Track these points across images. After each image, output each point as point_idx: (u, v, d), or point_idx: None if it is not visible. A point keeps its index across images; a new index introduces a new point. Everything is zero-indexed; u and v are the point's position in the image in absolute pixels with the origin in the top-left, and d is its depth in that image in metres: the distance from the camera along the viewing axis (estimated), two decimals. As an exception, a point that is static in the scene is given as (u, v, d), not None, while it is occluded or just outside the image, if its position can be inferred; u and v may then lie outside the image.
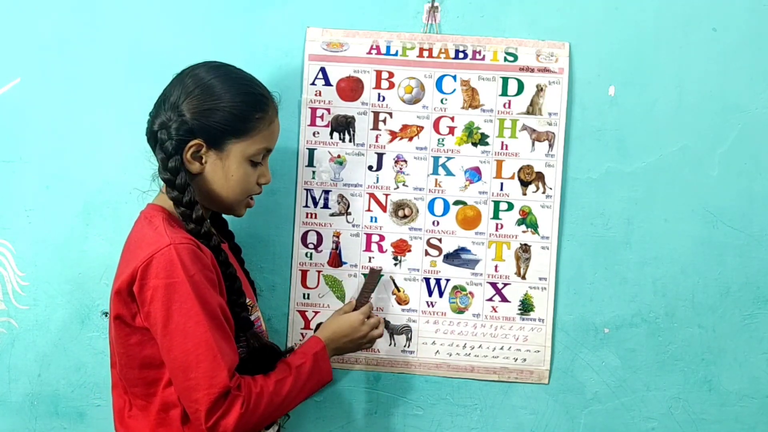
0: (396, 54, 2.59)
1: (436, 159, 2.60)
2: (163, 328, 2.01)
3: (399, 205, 2.60)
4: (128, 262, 2.09)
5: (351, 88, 2.61)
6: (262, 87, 2.23)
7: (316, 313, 2.63)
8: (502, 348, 2.62)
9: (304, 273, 2.62)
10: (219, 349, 2.02)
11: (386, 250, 2.61)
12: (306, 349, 2.29)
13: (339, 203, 2.61)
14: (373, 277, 2.55)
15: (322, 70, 2.60)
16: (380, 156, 2.60)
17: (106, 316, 2.60)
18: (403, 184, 2.60)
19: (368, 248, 2.61)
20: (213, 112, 2.13)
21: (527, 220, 2.60)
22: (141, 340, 2.08)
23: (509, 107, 2.60)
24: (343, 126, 2.60)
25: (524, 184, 2.59)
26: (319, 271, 2.63)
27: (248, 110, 2.15)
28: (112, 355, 2.19)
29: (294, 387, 2.16)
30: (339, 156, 2.61)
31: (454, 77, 2.60)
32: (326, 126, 2.61)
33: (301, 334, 2.63)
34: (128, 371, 2.12)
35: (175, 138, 2.12)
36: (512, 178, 2.60)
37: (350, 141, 2.61)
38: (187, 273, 2.01)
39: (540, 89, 2.59)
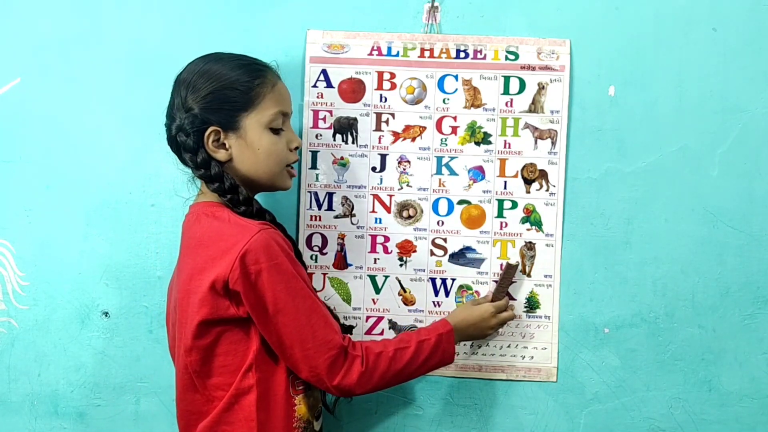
0: (397, 55, 2.60)
1: (439, 159, 2.60)
2: (273, 308, 2.09)
3: (403, 206, 2.60)
4: (212, 258, 2.10)
5: (353, 90, 2.61)
6: (253, 58, 2.27)
7: (323, 315, 2.63)
8: (509, 346, 2.62)
9: (309, 276, 2.60)
10: (326, 315, 2.18)
11: (391, 251, 2.61)
12: (433, 327, 2.36)
13: (343, 205, 2.61)
14: (510, 272, 2.56)
15: (324, 72, 2.60)
16: (383, 157, 2.60)
17: (107, 316, 2.61)
18: (407, 185, 2.60)
19: (373, 249, 2.61)
20: (215, 94, 2.18)
21: (531, 218, 2.60)
22: (227, 329, 2.14)
23: (511, 106, 2.60)
24: (345, 128, 2.60)
25: (528, 182, 2.60)
26: (324, 274, 2.62)
27: (246, 80, 2.19)
28: (180, 358, 2.21)
29: (414, 359, 2.26)
30: (342, 158, 2.61)
31: (456, 77, 2.60)
32: (329, 128, 2.61)
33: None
34: (214, 359, 2.16)
35: (191, 133, 2.18)
36: (515, 176, 2.60)
37: (353, 142, 2.61)
38: (284, 252, 2.10)
39: (542, 87, 2.59)
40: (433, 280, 2.62)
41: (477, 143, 2.60)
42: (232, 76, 2.19)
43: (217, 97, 2.17)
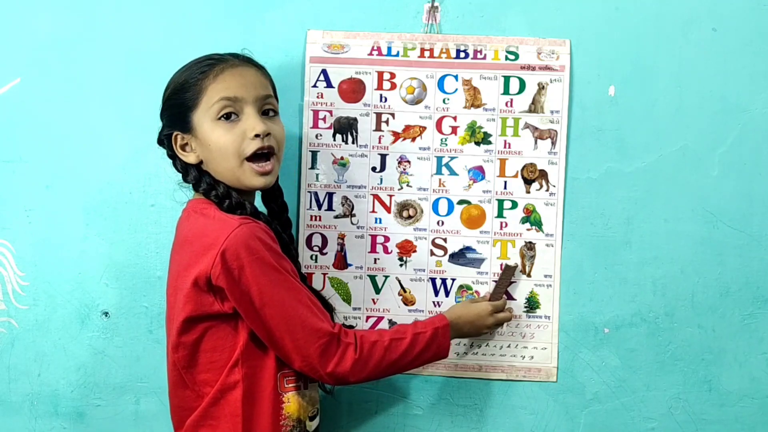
0: (397, 54, 2.60)
1: (439, 159, 2.60)
2: (259, 302, 2.09)
3: (403, 206, 2.60)
4: (195, 255, 2.11)
5: (353, 90, 2.60)
6: (210, 55, 2.27)
7: (323, 315, 2.63)
8: (509, 346, 2.62)
9: (309, 276, 2.61)
10: (314, 304, 2.17)
11: (391, 251, 2.61)
12: (429, 321, 2.36)
13: (343, 205, 2.61)
14: (508, 273, 2.57)
15: (324, 72, 2.60)
16: (383, 157, 2.60)
17: (107, 316, 2.61)
18: (407, 185, 2.60)
19: (373, 249, 2.61)
20: (169, 101, 2.25)
21: (531, 218, 2.60)
22: (212, 325, 2.15)
23: (511, 106, 2.60)
24: (345, 128, 2.60)
25: (528, 182, 2.60)
26: (324, 274, 2.62)
27: (186, 81, 2.22)
28: (169, 354, 2.24)
29: (409, 350, 2.25)
30: (342, 158, 2.60)
31: (456, 77, 2.60)
32: (329, 128, 2.60)
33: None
34: (200, 355, 2.18)
35: (165, 142, 2.27)
36: (515, 176, 2.60)
37: (353, 142, 2.60)
38: (265, 246, 2.10)
39: (541, 87, 2.59)
40: (433, 280, 2.61)
41: (477, 143, 2.60)
42: (181, 78, 2.22)
43: (172, 103, 2.23)
